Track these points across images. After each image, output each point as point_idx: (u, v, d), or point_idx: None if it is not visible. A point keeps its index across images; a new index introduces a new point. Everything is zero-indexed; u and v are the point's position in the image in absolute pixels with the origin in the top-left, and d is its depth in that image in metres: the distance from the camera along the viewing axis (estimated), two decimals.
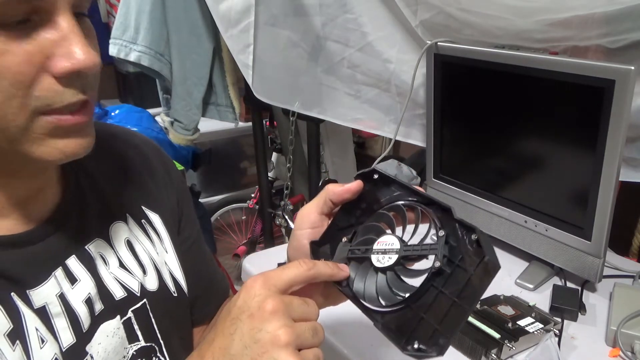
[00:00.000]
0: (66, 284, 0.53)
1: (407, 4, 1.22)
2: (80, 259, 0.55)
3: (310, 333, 0.45)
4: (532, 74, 0.98)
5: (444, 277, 0.46)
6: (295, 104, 1.53)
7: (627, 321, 0.88)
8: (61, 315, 0.52)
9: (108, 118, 1.69)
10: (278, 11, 1.41)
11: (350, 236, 0.55)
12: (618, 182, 0.92)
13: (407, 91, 1.28)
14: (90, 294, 0.55)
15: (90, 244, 0.57)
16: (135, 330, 0.59)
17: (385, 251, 0.50)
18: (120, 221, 0.61)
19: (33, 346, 0.50)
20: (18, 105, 0.43)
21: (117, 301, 0.58)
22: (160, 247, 0.65)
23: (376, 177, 0.57)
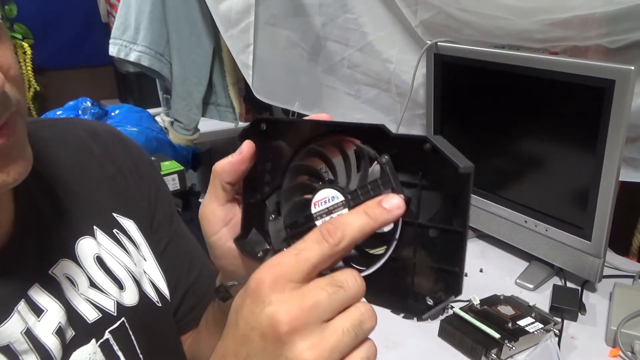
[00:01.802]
0: (32, 318, 0.48)
1: (407, 4, 1.22)
2: (45, 286, 0.49)
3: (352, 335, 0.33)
4: (532, 74, 0.98)
5: (414, 207, 0.36)
6: (295, 104, 1.53)
7: (627, 321, 0.88)
8: (29, 352, 0.47)
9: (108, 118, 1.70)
10: (278, 11, 1.41)
11: (274, 210, 0.43)
12: (618, 182, 0.91)
13: (407, 91, 1.28)
14: (60, 323, 0.50)
15: (54, 267, 0.51)
16: (115, 352, 0.54)
17: (330, 210, 0.38)
18: (87, 236, 0.55)
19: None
20: None
21: (91, 324, 0.53)
22: (137, 255, 0.60)
23: (264, 127, 0.43)
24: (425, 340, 0.90)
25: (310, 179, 0.41)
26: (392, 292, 0.37)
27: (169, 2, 1.54)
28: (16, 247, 0.49)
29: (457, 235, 0.35)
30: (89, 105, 1.62)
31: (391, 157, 0.36)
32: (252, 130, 0.44)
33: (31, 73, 2.37)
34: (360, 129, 0.38)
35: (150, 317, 0.59)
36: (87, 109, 1.61)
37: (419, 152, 0.35)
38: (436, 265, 0.36)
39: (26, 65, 2.34)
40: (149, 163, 0.66)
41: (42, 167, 0.54)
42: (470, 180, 0.34)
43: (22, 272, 0.49)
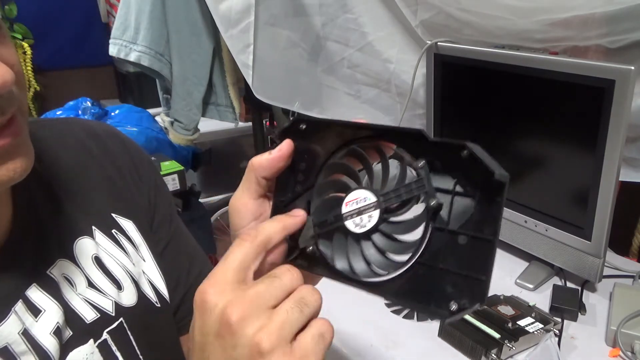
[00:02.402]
0: (29, 318, 0.48)
1: (407, 4, 1.22)
2: (43, 287, 0.50)
3: (297, 311, 0.36)
4: (532, 74, 0.98)
5: (445, 213, 0.36)
6: (295, 104, 1.53)
7: (627, 321, 0.88)
8: (27, 353, 0.47)
9: (108, 118, 1.70)
10: (278, 11, 1.41)
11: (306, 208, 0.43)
12: (618, 182, 0.91)
13: (407, 91, 1.28)
14: (58, 323, 0.50)
15: (52, 267, 0.51)
16: (113, 352, 0.54)
17: (361, 210, 0.38)
18: (86, 236, 0.55)
19: None
20: None
21: (89, 324, 0.53)
22: (136, 256, 0.60)
23: (304, 127, 0.44)
24: (425, 340, 0.90)
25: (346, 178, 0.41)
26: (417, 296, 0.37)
27: (169, 2, 1.54)
28: (14, 247, 0.49)
29: (487, 244, 0.36)
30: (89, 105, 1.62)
31: (428, 162, 0.37)
32: (292, 129, 0.44)
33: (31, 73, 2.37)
34: (399, 133, 0.39)
35: (149, 317, 0.59)
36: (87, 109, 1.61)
37: (456, 158, 0.35)
38: (464, 272, 0.36)
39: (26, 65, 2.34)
40: (149, 163, 0.66)
41: (41, 166, 0.53)
42: (505, 188, 0.34)
43: (19, 272, 0.49)
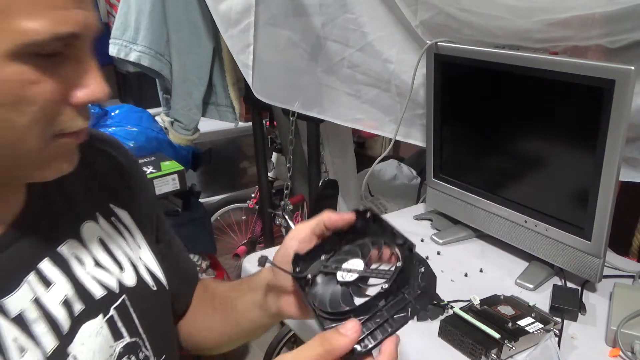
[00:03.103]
0: (40, 288, 0.53)
1: (407, 4, 1.22)
2: (54, 262, 0.55)
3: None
4: (532, 74, 0.98)
5: (389, 299, 0.54)
6: (295, 104, 1.53)
7: (627, 321, 0.88)
8: (39, 320, 0.52)
9: (108, 118, 1.70)
10: (278, 11, 1.41)
11: (329, 256, 0.62)
12: (618, 182, 0.92)
13: (407, 91, 1.28)
14: (67, 295, 0.55)
15: (62, 245, 0.56)
16: (119, 328, 0.59)
17: (350, 270, 0.58)
18: (91, 220, 0.61)
19: (12, 357, 0.49)
20: (40, 130, 0.46)
21: (98, 300, 0.58)
22: (133, 243, 0.65)
23: (368, 216, 0.63)
24: (425, 340, 0.90)
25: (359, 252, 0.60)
26: None
27: (169, 2, 1.54)
28: (27, 223, 0.54)
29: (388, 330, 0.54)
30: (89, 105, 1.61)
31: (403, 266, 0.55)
32: (362, 212, 0.63)
33: None
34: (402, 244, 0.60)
35: (147, 299, 0.64)
36: None
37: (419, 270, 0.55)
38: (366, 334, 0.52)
39: None
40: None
41: None
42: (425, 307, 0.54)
43: (32, 247, 0.54)
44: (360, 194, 1.96)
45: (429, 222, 1.34)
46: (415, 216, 1.38)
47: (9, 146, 0.45)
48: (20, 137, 0.45)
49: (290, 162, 1.73)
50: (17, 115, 0.44)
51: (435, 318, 0.95)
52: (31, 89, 0.43)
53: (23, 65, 0.42)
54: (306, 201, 2.01)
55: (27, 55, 0.42)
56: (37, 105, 0.44)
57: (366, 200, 2.02)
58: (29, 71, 0.43)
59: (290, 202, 1.85)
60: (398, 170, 2.31)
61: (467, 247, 1.23)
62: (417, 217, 1.38)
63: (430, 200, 1.33)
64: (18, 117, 0.44)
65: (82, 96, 0.47)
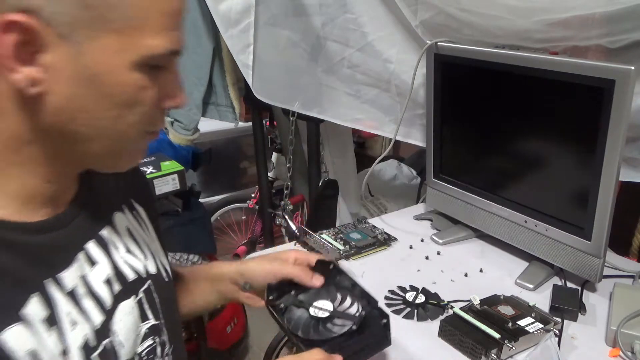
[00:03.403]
0: (87, 267, 0.58)
1: (407, 4, 1.22)
2: (98, 243, 0.61)
3: None
4: (532, 74, 0.98)
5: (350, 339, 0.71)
6: (295, 104, 1.53)
7: (627, 321, 0.88)
8: (87, 296, 0.57)
9: None
10: (278, 11, 1.41)
11: (298, 292, 0.81)
12: (618, 182, 0.92)
13: (407, 91, 1.28)
14: (108, 275, 0.61)
15: (103, 230, 0.63)
16: (145, 310, 0.65)
17: (321, 308, 0.76)
18: (120, 211, 0.67)
19: (66, 330, 0.53)
20: (141, 127, 0.55)
21: (130, 282, 0.64)
22: (150, 235, 0.72)
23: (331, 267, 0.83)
24: (425, 340, 0.90)
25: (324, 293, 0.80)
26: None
27: None
28: (79, 206, 0.60)
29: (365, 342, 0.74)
30: None
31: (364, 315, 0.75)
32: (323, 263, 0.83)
33: None
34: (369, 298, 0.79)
35: (165, 287, 0.71)
36: None
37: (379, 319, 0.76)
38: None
39: None
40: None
41: None
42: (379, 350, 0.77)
43: (83, 228, 0.60)
44: (360, 194, 1.96)
45: (429, 222, 1.34)
46: (415, 216, 1.38)
47: (114, 138, 0.54)
48: (126, 131, 0.54)
49: (290, 162, 1.73)
50: (129, 114, 0.53)
51: (435, 318, 0.95)
52: (142, 93, 0.53)
53: (141, 73, 0.51)
54: (306, 201, 2.01)
55: (144, 65, 0.51)
56: (144, 107, 0.53)
57: (366, 200, 2.02)
58: (144, 79, 0.52)
59: (290, 202, 1.85)
60: (398, 170, 2.31)
61: (467, 247, 1.23)
62: (417, 217, 1.38)
63: (430, 200, 1.33)
64: (129, 115, 0.53)
65: (171, 102, 0.57)
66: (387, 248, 1.21)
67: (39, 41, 0.47)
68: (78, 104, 0.51)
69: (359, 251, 1.18)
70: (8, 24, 0.45)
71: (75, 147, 0.54)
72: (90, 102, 0.51)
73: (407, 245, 1.22)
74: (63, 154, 0.54)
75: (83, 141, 0.53)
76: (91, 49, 0.49)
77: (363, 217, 1.37)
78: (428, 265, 1.14)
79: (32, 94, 0.49)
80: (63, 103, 0.50)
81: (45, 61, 0.48)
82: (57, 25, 0.47)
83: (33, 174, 0.54)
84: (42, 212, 0.55)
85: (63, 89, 0.50)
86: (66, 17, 0.47)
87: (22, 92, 0.49)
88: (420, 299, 0.98)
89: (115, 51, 0.50)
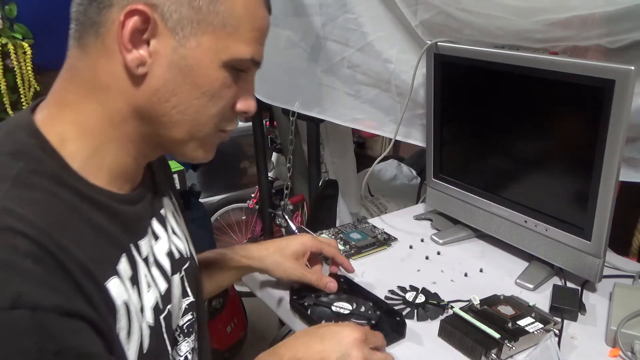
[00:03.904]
0: (153, 240, 0.67)
1: (407, 4, 1.22)
2: (159, 221, 0.69)
3: None
4: (532, 74, 0.98)
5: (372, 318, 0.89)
6: (295, 104, 1.53)
7: (627, 321, 0.88)
8: (154, 264, 0.65)
9: None
10: (278, 11, 1.41)
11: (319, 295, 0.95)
12: (618, 182, 0.91)
13: (407, 91, 1.28)
14: (167, 250, 0.69)
15: (161, 209, 0.71)
16: (186, 287, 0.73)
17: (342, 307, 0.91)
18: (167, 197, 0.75)
19: (143, 291, 0.61)
20: (218, 121, 0.63)
21: (177, 260, 0.71)
22: (182, 223, 0.78)
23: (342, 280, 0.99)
24: (425, 340, 0.90)
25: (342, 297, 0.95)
26: None
27: None
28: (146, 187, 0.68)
29: None
30: None
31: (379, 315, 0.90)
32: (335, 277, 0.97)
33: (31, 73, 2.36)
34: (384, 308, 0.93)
35: (195, 270, 0.78)
36: None
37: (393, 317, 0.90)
38: None
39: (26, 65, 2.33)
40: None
41: None
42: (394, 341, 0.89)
43: (150, 205, 0.68)
44: (360, 194, 1.96)
45: (429, 222, 1.34)
46: (415, 216, 1.38)
47: (194, 125, 0.61)
48: (205, 121, 0.62)
49: (290, 162, 1.73)
50: (211, 105, 0.61)
51: (435, 318, 0.95)
52: (225, 89, 0.61)
53: (227, 72, 0.60)
54: (306, 201, 2.01)
55: (231, 66, 0.60)
56: (223, 102, 0.62)
57: (366, 200, 2.02)
58: (228, 78, 0.61)
59: (290, 202, 1.85)
60: (398, 170, 2.31)
61: (467, 247, 1.23)
62: (417, 217, 1.38)
63: (430, 200, 1.33)
64: (211, 106, 0.61)
65: (242, 107, 0.65)
66: (387, 248, 1.21)
67: (152, 30, 0.56)
68: (171, 88, 0.58)
69: (359, 251, 1.18)
70: (133, 11, 0.55)
71: (161, 131, 0.61)
72: (182, 88, 0.59)
73: (407, 245, 1.22)
74: (150, 136, 0.62)
75: (169, 125, 0.60)
76: (190, 43, 0.57)
77: (363, 217, 1.37)
78: (428, 265, 1.14)
79: (137, 74, 0.57)
80: (160, 85, 0.58)
81: (153, 48, 0.57)
82: (168, 20, 0.56)
83: (126, 152, 0.61)
84: (126, 187, 0.63)
85: (162, 73, 0.58)
86: (177, 15, 0.56)
87: (131, 72, 0.57)
88: (420, 299, 0.98)
89: (210, 49, 0.58)
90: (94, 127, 0.59)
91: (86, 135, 0.58)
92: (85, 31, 0.58)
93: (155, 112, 0.59)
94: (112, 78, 0.58)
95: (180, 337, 0.71)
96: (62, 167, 0.56)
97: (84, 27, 0.58)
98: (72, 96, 0.59)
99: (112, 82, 0.58)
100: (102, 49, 0.57)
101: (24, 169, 0.53)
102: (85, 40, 0.58)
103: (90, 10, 0.57)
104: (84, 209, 0.55)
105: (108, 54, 0.57)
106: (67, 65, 0.60)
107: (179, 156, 0.66)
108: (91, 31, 0.57)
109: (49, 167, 0.55)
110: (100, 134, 0.59)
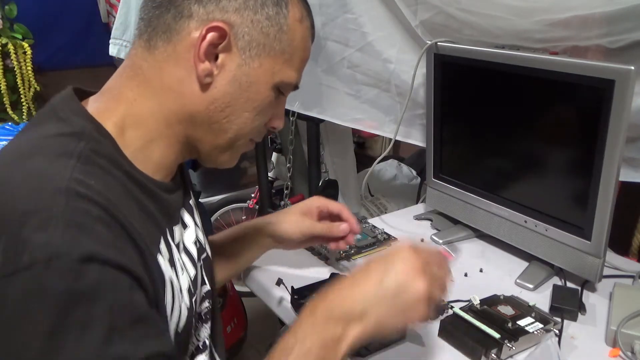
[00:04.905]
0: (182, 228, 0.72)
1: (407, 4, 1.22)
2: (187, 211, 0.75)
3: None
4: (532, 74, 0.98)
5: None
6: (295, 104, 1.53)
7: (627, 321, 0.88)
8: (184, 251, 0.70)
9: None
10: None
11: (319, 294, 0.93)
12: (618, 182, 0.91)
13: (407, 91, 1.28)
14: (196, 238, 0.74)
15: (189, 200, 0.77)
16: (203, 276, 0.76)
17: None
18: (191, 191, 0.79)
19: (179, 272, 0.65)
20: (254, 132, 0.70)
21: (198, 249, 0.75)
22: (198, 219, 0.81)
23: None
24: (425, 340, 0.90)
25: None
26: None
27: None
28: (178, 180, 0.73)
29: None
30: None
31: None
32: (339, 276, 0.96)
33: (31, 73, 2.37)
34: None
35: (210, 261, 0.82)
36: None
37: None
38: None
39: (26, 65, 2.34)
40: None
41: None
42: None
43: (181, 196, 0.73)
44: (360, 194, 1.96)
45: (429, 222, 1.34)
46: (415, 216, 1.38)
47: (238, 134, 0.68)
48: (247, 132, 0.69)
49: (290, 162, 1.73)
50: (256, 119, 0.68)
51: (435, 318, 0.95)
52: (269, 107, 0.69)
53: (273, 93, 0.68)
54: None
55: (277, 88, 0.68)
56: (265, 118, 0.70)
57: (366, 200, 2.02)
58: (273, 97, 0.68)
59: (290, 202, 1.85)
60: (398, 170, 2.31)
61: (467, 247, 1.23)
62: (417, 217, 1.38)
63: (430, 200, 1.33)
64: (256, 120, 0.68)
65: (274, 124, 0.72)
66: (387, 248, 1.21)
67: (225, 46, 0.62)
68: (228, 99, 0.65)
69: (359, 251, 1.18)
70: (214, 27, 0.61)
71: (207, 137, 0.67)
72: (237, 101, 0.65)
73: None
74: (194, 139, 0.67)
75: (216, 132, 0.67)
76: (254, 63, 0.64)
77: (363, 217, 1.37)
78: None
79: (203, 83, 0.63)
80: (219, 95, 0.64)
81: (221, 61, 0.63)
82: (240, 39, 0.63)
83: (172, 149, 0.67)
84: (166, 178, 0.68)
85: (224, 85, 0.64)
86: (249, 37, 0.63)
87: (198, 80, 0.63)
88: None
89: (268, 71, 0.66)
90: (150, 123, 0.64)
91: (141, 129, 0.63)
92: (156, 34, 0.63)
93: (208, 119, 0.65)
94: (178, 82, 0.63)
95: (199, 324, 0.76)
96: (117, 151, 0.61)
97: (156, 31, 0.63)
98: (131, 93, 0.64)
99: (177, 86, 0.63)
100: (172, 54, 0.62)
101: (86, 148, 0.57)
102: (154, 43, 0.63)
103: (168, 17, 0.62)
104: (134, 191, 0.60)
105: (176, 59, 0.62)
106: (129, 62, 0.65)
107: (209, 161, 0.71)
108: (164, 36, 0.62)
109: (106, 149, 0.59)
110: (153, 130, 0.64)
